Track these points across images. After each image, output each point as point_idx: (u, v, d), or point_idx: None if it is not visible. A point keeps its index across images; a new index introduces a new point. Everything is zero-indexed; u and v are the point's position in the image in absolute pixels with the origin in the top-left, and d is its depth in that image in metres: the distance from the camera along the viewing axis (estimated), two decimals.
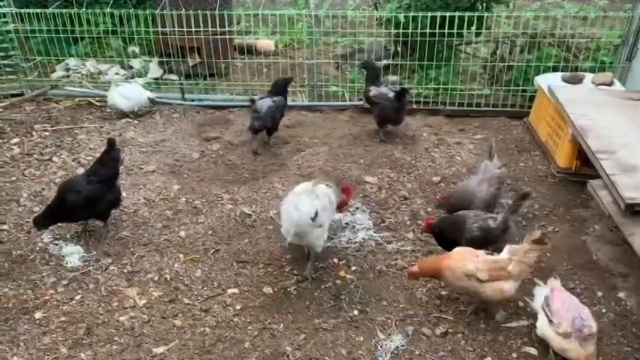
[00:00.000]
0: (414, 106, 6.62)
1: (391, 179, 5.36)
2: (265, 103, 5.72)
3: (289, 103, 6.73)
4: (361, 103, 6.64)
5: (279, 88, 5.98)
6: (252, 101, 5.84)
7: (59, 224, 4.54)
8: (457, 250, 3.80)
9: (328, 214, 4.12)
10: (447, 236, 4.04)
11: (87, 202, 4.28)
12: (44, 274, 4.15)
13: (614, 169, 4.26)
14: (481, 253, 3.71)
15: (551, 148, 5.64)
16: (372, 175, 5.42)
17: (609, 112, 5.13)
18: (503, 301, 3.80)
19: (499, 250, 3.75)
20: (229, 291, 4.04)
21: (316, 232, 3.94)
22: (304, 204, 3.81)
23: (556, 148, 5.54)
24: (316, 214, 3.76)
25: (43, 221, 4.30)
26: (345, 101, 6.80)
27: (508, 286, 3.60)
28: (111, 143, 4.51)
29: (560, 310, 3.35)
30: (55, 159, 5.61)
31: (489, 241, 3.93)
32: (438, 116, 6.56)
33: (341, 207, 4.48)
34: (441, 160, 5.68)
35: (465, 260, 3.65)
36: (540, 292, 3.61)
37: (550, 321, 3.37)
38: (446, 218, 4.23)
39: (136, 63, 7.55)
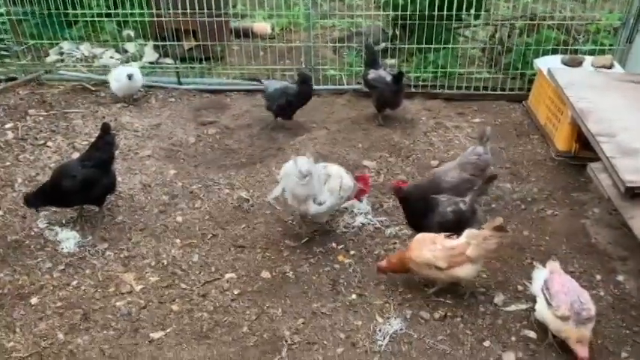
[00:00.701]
0: (413, 90, 6.55)
1: (389, 163, 5.32)
2: (273, 85, 5.81)
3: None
4: (359, 86, 6.58)
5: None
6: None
7: (55, 210, 4.51)
8: (416, 238, 3.79)
9: (334, 197, 4.15)
10: (415, 209, 4.02)
11: (82, 187, 4.24)
12: (40, 259, 4.12)
13: (615, 152, 4.22)
14: (439, 239, 3.70)
15: (551, 131, 5.60)
16: (371, 159, 5.38)
17: (609, 94, 5.08)
18: (468, 283, 3.82)
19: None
20: (227, 276, 4.02)
21: (315, 208, 4.08)
22: (303, 161, 3.95)
23: (555, 132, 5.50)
24: (308, 173, 3.92)
25: (34, 201, 4.25)
26: (343, 85, 6.73)
27: (467, 271, 3.61)
28: (105, 128, 4.45)
29: (560, 294, 3.33)
30: (49, 144, 5.55)
31: (462, 224, 3.87)
32: (437, 100, 6.50)
33: (359, 195, 4.46)
34: (440, 144, 5.64)
35: (423, 249, 3.65)
36: (539, 275, 3.59)
37: (549, 304, 3.35)
38: (418, 189, 4.18)
39: (131, 47, 7.44)
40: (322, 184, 4.13)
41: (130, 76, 6.14)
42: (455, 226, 3.85)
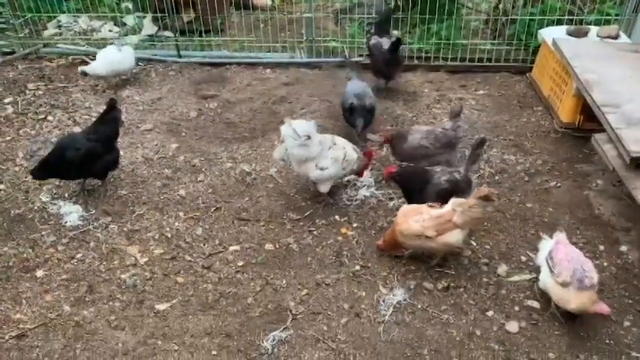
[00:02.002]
0: (415, 62, 6.48)
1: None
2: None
3: (286, 60, 6.63)
4: (361, 59, 6.50)
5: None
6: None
7: (58, 184, 4.50)
8: (400, 212, 3.79)
9: (336, 166, 4.19)
10: (412, 185, 4.04)
11: (85, 160, 4.22)
12: (44, 233, 4.12)
13: (620, 122, 4.20)
14: (424, 209, 3.72)
15: (554, 103, 5.56)
16: (373, 132, 5.33)
17: (615, 65, 5.03)
18: (455, 251, 3.85)
19: None
20: (231, 248, 4.03)
21: (316, 173, 4.15)
22: (299, 122, 4.04)
23: (559, 103, 5.45)
24: (305, 134, 3.98)
25: (38, 172, 4.25)
26: (345, 57, 6.63)
27: (456, 237, 3.64)
28: (112, 103, 4.43)
29: (563, 261, 3.34)
30: (50, 118, 5.51)
31: (457, 194, 3.87)
32: (440, 72, 6.43)
33: (362, 171, 4.49)
34: (443, 116, 5.58)
35: (409, 221, 3.66)
36: (545, 245, 3.60)
37: (551, 271, 3.37)
38: (408, 168, 4.23)
39: (130, 19, 7.34)
40: (326, 149, 4.14)
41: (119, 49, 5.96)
42: (450, 195, 3.84)
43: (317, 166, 4.14)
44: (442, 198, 3.82)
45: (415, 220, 3.66)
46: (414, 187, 4.03)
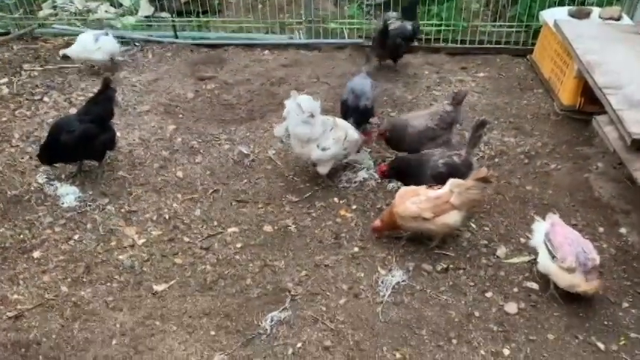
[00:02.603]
0: (416, 44, 6.41)
1: (392, 118, 5.24)
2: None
3: (285, 41, 6.55)
4: (361, 40, 6.43)
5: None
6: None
7: (54, 164, 4.46)
8: (398, 194, 3.77)
9: (337, 146, 4.19)
10: (410, 174, 4.01)
11: (80, 142, 4.18)
12: (40, 214, 4.10)
13: (621, 104, 4.16)
14: (422, 190, 3.71)
15: (555, 85, 5.51)
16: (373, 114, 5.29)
17: (617, 47, 4.97)
18: (453, 232, 3.85)
19: None
20: (229, 230, 4.01)
21: (318, 153, 4.13)
22: (304, 98, 4.02)
23: (560, 85, 5.40)
24: (309, 111, 3.98)
25: (44, 159, 4.25)
26: (345, 39, 6.57)
27: (453, 218, 3.63)
28: (106, 82, 4.38)
29: (564, 245, 3.33)
30: (46, 99, 5.45)
31: (456, 177, 3.81)
32: (440, 54, 6.36)
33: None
34: (443, 98, 5.52)
35: (407, 203, 3.64)
36: (539, 227, 3.58)
37: (553, 256, 3.35)
38: (400, 158, 4.19)
39: (126, 0, 7.24)
40: (328, 130, 4.11)
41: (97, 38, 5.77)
42: (447, 179, 3.79)
43: (319, 146, 4.11)
44: (440, 181, 3.79)
45: (412, 201, 3.64)
46: (411, 176, 3.99)
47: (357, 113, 4.68)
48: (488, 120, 4.20)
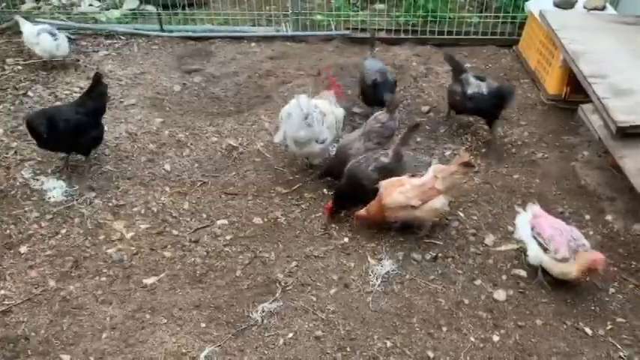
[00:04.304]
0: (402, 35, 6.43)
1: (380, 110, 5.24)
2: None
3: (272, 34, 6.52)
4: (348, 32, 6.42)
5: None
6: None
7: (40, 159, 4.42)
8: (383, 186, 3.75)
9: (332, 133, 4.24)
10: (353, 196, 3.91)
11: (74, 133, 4.15)
12: (27, 209, 4.05)
13: (606, 92, 4.21)
14: (406, 180, 3.74)
15: (541, 75, 5.55)
16: (360, 106, 5.30)
17: (602, 36, 5.03)
18: (440, 218, 3.89)
19: None
20: (218, 222, 4.00)
21: (318, 147, 4.17)
22: (304, 100, 3.99)
23: (546, 75, 5.45)
24: (309, 112, 3.97)
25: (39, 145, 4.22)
26: (331, 31, 6.55)
27: (441, 202, 3.68)
28: (98, 77, 4.35)
29: (555, 237, 3.34)
30: (30, 93, 5.37)
31: (388, 177, 3.82)
32: (427, 45, 6.37)
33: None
34: (430, 89, 5.57)
35: (394, 194, 3.66)
36: (523, 220, 3.59)
37: (544, 249, 3.36)
38: (339, 186, 3.98)
39: None
40: (321, 124, 4.13)
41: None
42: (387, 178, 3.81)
43: (317, 141, 4.13)
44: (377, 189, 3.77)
45: (400, 191, 3.66)
46: (356, 197, 3.91)
47: (391, 87, 4.79)
48: (422, 123, 4.16)
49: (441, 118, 5.14)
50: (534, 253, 3.46)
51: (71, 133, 4.14)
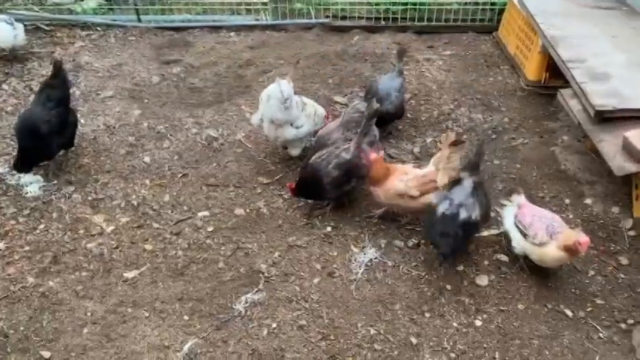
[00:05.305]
0: (382, 24, 6.40)
1: (361, 99, 5.22)
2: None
3: (251, 22, 6.46)
4: (328, 20, 6.38)
5: None
6: None
7: (14, 154, 4.31)
8: (391, 167, 3.74)
9: (309, 123, 4.22)
10: (311, 188, 3.85)
11: (59, 129, 4.07)
12: (3, 204, 3.97)
13: (585, 77, 4.24)
14: (409, 169, 3.72)
15: (521, 61, 5.57)
16: (342, 94, 5.29)
17: (580, 21, 5.06)
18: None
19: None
20: (200, 214, 3.96)
21: (292, 132, 4.13)
22: (285, 84, 3.97)
23: (525, 61, 5.47)
24: (289, 97, 3.95)
25: (22, 166, 4.05)
26: (311, 19, 6.50)
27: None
28: (58, 65, 4.23)
29: (534, 223, 3.36)
30: (4, 87, 5.26)
31: (351, 172, 3.79)
32: (407, 33, 6.36)
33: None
34: (411, 77, 5.55)
35: (394, 180, 3.64)
36: (509, 212, 3.59)
37: (524, 235, 3.38)
38: (300, 177, 3.92)
39: None
40: (300, 110, 4.12)
41: None
42: (347, 176, 3.78)
43: (292, 124, 4.11)
44: (338, 184, 3.77)
45: (400, 179, 3.63)
46: (316, 193, 3.88)
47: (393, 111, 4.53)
48: (378, 109, 3.88)
49: (422, 106, 5.13)
50: (517, 241, 3.46)
51: (56, 132, 4.06)
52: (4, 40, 5.48)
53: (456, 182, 3.51)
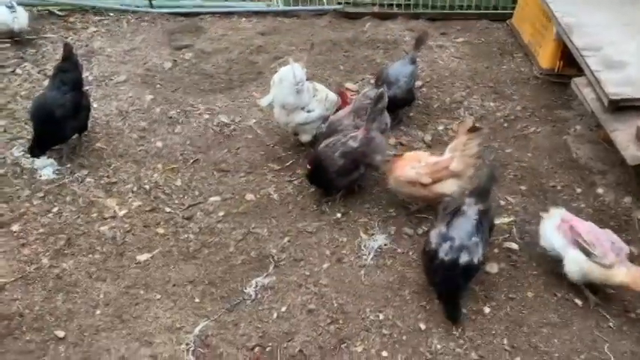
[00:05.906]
0: (395, 10, 6.35)
1: (372, 85, 5.21)
2: None
3: (263, 9, 6.44)
4: (340, 7, 6.35)
5: None
6: None
7: (29, 137, 4.36)
8: (401, 159, 3.73)
9: (321, 107, 4.21)
10: (318, 176, 3.86)
11: (74, 112, 4.11)
12: (18, 187, 4.03)
13: (599, 65, 4.19)
14: (424, 156, 3.70)
15: (535, 49, 5.52)
16: (353, 81, 5.27)
17: (595, 9, 4.98)
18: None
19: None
20: (211, 199, 3.99)
21: (303, 115, 4.13)
22: (298, 67, 3.98)
23: (539, 49, 5.41)
24: (302, 80, 3.95)
25: (37, 150, 4.10)
26: (324, 5, 6.47)
27: (450, 186, 3.58)
28: (68, 48, 4.27)
29: (598, 241, 3.15)
30: (18, 71, 5.30)
31: (357, 161, 3.77)
32: (420, 20, 6.30)
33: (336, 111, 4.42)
34: (423, 64, 5.51)
35: (406, 167, 3.61)
36: (548, 225, 3.35)
37: (587, 254, 3.14)
38: (309, 161, 3.91)
39: None
40: (311, 95, 4.13)
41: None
42: (354, 164, 3.76)
43: (304, 109, 4.12)
44: (345, 172, 3.76)
45: (412, 166, 3.62)
46: (327, 183, 3.87)
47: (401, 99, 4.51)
48: (385, 93, 3.84)
49: (434, 94, 5.11)
50: (577, 260, 3.17)
51: (71, 116, 4.10)
52: (2, 22, 5.48)
53: (457, 211, 3.20)
